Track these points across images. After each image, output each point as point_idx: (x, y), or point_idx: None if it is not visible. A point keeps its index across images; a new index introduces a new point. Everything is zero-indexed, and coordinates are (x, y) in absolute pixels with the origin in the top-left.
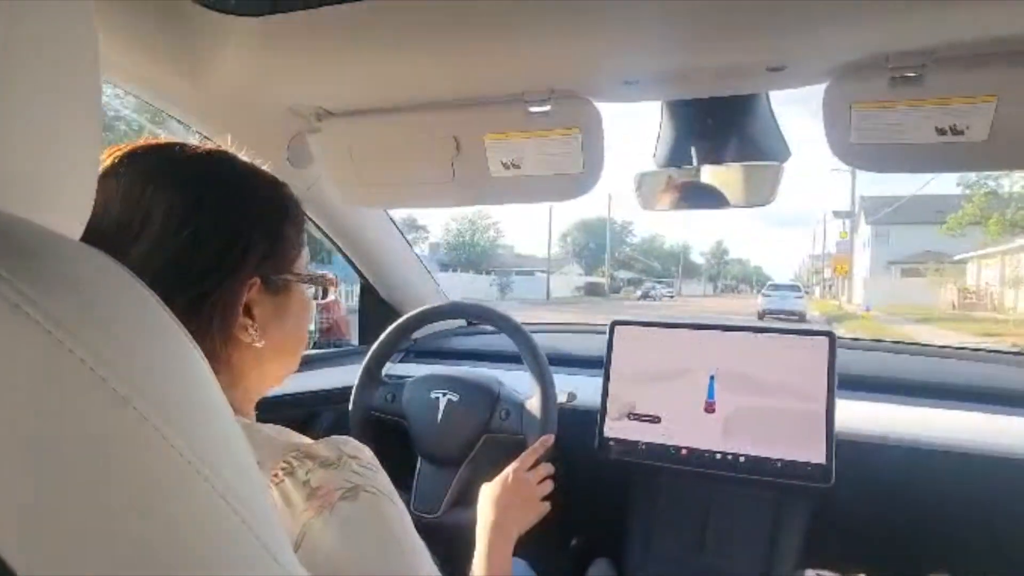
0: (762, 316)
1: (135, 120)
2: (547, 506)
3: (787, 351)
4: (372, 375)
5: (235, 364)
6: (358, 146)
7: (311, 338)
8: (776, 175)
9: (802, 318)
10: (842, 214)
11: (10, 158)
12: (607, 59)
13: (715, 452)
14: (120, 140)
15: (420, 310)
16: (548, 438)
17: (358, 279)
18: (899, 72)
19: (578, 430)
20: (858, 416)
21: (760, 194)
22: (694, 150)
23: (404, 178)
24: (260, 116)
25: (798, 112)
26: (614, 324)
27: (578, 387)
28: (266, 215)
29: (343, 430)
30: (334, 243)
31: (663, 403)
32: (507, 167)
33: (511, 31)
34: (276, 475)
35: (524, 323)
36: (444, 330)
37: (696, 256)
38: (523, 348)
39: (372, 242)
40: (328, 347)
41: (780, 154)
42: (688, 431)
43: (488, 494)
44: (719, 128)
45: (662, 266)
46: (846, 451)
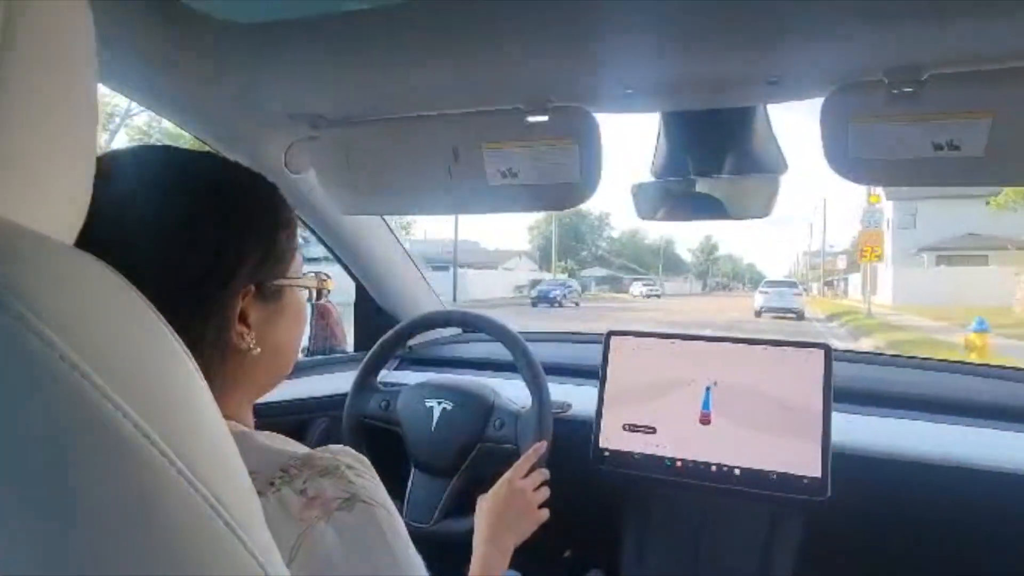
0: (759, 314)
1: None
2: (545, 513)
3: (784, 363)
4: (367, 382)
5: (230, 371)
6: (356, 153)
7: (309, 346)
8: (774, 187)
9: (800, 316)
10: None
11: (5, 161)
12: (605, 70)
13: (710, 464)
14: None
15: (416, 317)
16: (541, 445)
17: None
18: (897, 87)
19: (573, 440)
20: (855, 429)
21: (757, 207)
22: (691, 162)
23: (401, 186)
24: (258, 122)
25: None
26: (610, 334)
27: (573, 397)
28: (260, 222)
29: (337, 437)
30: (329, 249)
31: (658, 414)
32: (504, 176)
33: (509, 42)
34: (273, 483)
35: (520, 332)
36: (440, 338)
37: (683, 252)
38: (518, 357)
39: (368, 248)
40: (323, 354)
41: (778, 167)
42: (683, 442)
43: (484, 507)
44: (717, 140)
45: (642, 264)
46: (842, 465)
